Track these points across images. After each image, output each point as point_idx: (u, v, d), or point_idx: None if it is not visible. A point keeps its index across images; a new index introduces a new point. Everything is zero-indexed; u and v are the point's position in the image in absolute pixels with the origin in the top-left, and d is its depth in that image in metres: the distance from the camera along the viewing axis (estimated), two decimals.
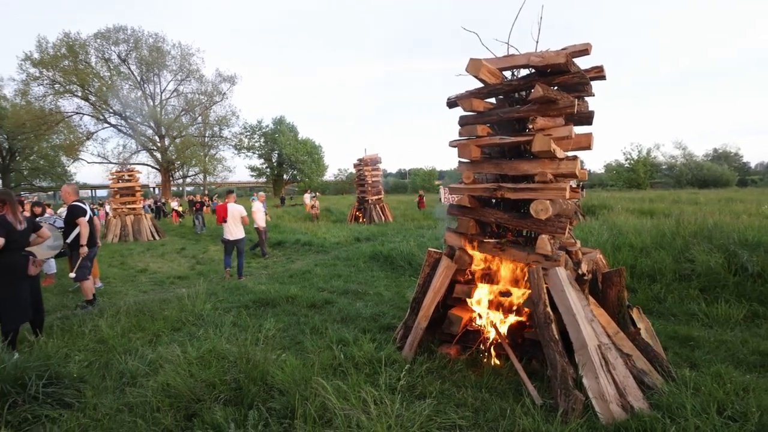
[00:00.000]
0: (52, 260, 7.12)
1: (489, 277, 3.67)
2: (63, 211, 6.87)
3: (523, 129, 3.41)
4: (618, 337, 3.04)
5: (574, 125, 3.24)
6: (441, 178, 60.47)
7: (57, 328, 4.63)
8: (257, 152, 47.54)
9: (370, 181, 16.94)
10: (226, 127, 40.14)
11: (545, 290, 2.99)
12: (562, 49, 3.04)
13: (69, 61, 31.82)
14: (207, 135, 39.60)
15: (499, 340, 3.44)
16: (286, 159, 46.70)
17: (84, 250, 5.59)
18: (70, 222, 5.68)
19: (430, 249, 3.90)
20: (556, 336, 2.86)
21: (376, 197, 17.02)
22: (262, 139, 47.41)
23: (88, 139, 35.03)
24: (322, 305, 5.32)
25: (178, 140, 36.62)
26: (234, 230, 7.40)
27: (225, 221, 7.40)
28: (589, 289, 3.26)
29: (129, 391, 3.13)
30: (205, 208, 18.66)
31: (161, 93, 37.19)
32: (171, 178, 37.97)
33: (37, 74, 31.28)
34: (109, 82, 33.70)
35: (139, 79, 35.72)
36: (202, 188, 40.97)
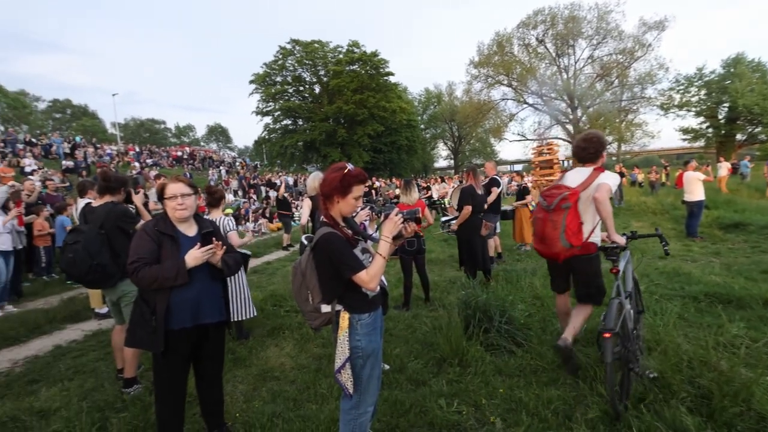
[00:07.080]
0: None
1: None
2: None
3: None
4: None
5: None
6: None
7: (501, 278, 5.75)
8: (694, 109, 38.92)
9: None
10: (650, 85, 35.87)
11: None
12: None
13: (498, 56, 38.93)
14: (624, 99, 37.13)
15: None
16: (743, 113, 35.34)
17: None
18: (488, 188, 6.89)
19: None
20: None
21: None
22: (702, 92, 38.27)
23: (510, 120, 42.01)
24: None
25: (590, 110, 36.64)
26: (690, 192, 8.59)
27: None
28: None
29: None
30: (623, 179, 17.69)
31: (575, 64, 38.42)
32: None
33: (476, 74, 40.46)
34: (528, 65, 38.38)
35: (554, 55, 38.49)
36: (614, 158, 38.72)
